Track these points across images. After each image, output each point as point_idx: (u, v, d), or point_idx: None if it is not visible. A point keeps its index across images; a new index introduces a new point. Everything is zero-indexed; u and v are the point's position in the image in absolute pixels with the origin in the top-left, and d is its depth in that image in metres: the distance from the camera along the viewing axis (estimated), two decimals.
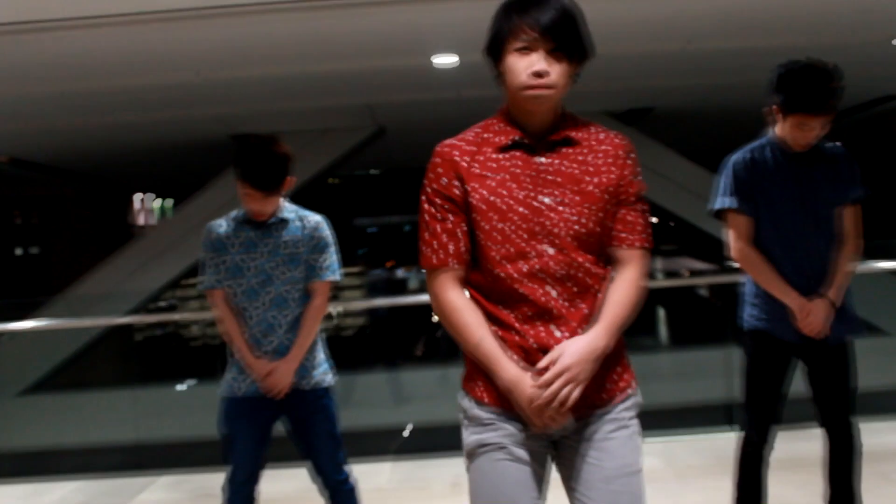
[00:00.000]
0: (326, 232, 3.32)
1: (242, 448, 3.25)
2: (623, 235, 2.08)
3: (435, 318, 2.08)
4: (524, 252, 2.00)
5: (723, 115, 11.27)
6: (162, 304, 11.14)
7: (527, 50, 1.96)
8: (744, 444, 3.37)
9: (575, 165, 2.04)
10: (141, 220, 16.67)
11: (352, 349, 11.91)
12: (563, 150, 2.05)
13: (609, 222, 2.06)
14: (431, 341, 12.51)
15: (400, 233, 20.36)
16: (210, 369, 12.51)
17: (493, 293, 2.05)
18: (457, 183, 2.04)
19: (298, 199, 3.42)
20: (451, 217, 2.05)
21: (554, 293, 2.00)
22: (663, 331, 13.85)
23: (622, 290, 2.06)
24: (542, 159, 2.03)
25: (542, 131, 2.05)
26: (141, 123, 9.16)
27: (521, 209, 2.00)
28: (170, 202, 17.13)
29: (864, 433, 3.40)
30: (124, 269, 10.48)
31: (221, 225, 3.28)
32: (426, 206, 2.08)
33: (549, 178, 2.02)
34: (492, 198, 2.01)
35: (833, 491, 3.36)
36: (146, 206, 17.00)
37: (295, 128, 10.02)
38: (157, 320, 12.76)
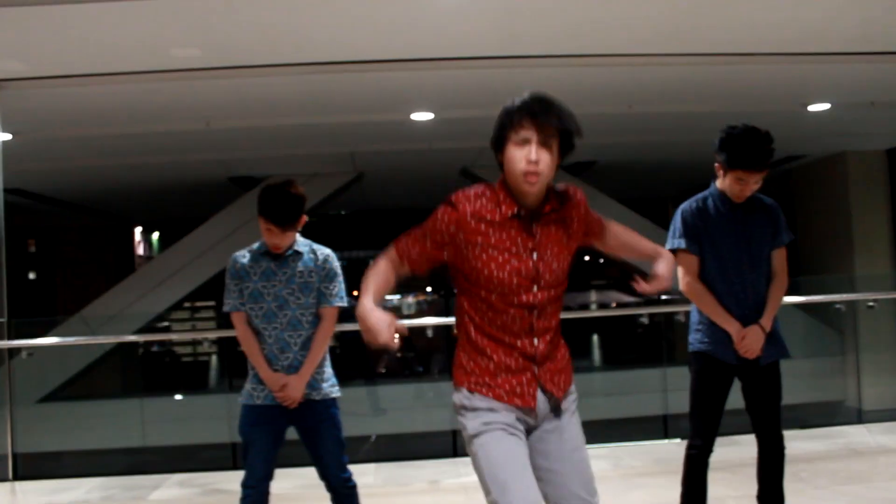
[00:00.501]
0: (335, 263, 3.41)
1: (260, 450, 3.30)
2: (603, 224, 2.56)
3: (396, 340, 2.30)
4: (518, 291, 2.31)
5: (656, 169, 11.56)
6: (165, 324, 11.04)
7: (524, 143, 2.22)
8: (690, 449, 3.47)
9: (554, 228, 2.36)
10: (140, 252, 16.52)
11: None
12: (550, 216, 2.35)
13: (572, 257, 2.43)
14: (393, 360, 12.59)
15: (365, 266, 20.45)
16: (202, 382, 12.43)
17: (487, 315, 2.35)
18: (454, 232, 2.31)
19: None
20: (429, 244, 2.35)
21: (535, 315, 2.35)
22: (602, 354, 14.02)
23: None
24: (534, 226, 2.33)
25: (535, 205, 2.33)
26: (152, 165, 9.15)
27: (515, 262, 2.30)
28: (156, 235, 17.01)
29: None
30: (130, 294, 10.40)
31: (245, 256, 3.35)
32: (428, 223, 2.36)
33: (538, 239, 2.33)
34: (492, 251, 2.30)
35: (763, 489, 3.49)
36: (144, 239, 16.87)
37: (286, 172, 10.08)
38: (156, 339, 12.65)
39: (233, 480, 5.08)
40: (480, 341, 2.35)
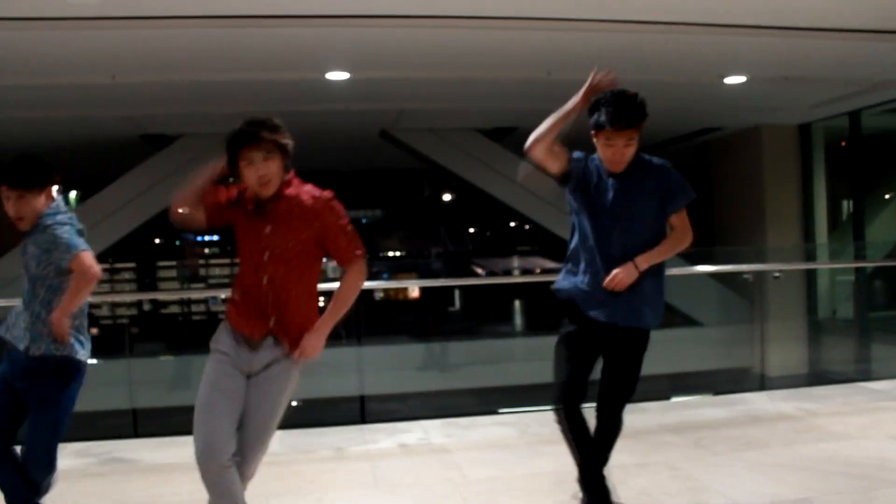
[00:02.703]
0: (58, 233, 3.20)
1: None
2: (341, 255, 2.89)
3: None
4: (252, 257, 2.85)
5: (575, 136, 11.61)
6: None
7: (251, 163, 2.71)
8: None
9: (286, 214, 2.80)
10: None
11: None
12: (279, 206, 2.79)
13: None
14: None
15: None
16: (118, 346, 12.01)
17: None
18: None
19: None
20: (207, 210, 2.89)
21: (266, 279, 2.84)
22: (522, 320, 14.13)
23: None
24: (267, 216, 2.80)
25: (268, 198, 2.78)
26: (54, 119, 8.72)
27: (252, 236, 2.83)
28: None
29: (683, 408, 3.47)
30: None
31: None
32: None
33: (272, 220, 2.80)
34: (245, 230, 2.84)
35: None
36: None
37: (199, 131, 9.76)
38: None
39: (133, 448, 4.93)
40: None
